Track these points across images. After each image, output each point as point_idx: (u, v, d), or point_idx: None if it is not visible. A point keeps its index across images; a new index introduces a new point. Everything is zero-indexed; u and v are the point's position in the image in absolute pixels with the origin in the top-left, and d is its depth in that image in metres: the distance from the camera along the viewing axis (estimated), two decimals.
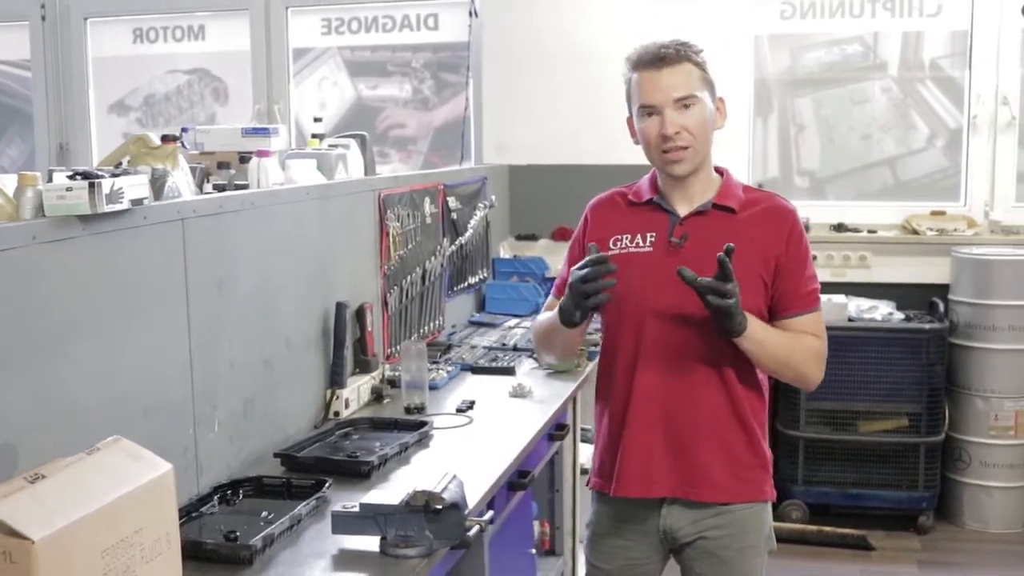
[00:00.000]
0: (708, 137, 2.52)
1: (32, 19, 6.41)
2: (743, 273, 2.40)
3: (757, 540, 2.57)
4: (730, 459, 2.52)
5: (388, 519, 2.24)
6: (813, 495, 5.08)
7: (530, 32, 5.45)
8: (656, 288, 2.49)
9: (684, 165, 2.48)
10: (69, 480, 1.79)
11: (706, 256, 2.39)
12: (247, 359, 2.89)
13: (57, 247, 2.14)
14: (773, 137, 5.60)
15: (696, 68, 2.49)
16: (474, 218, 4.79)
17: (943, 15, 5.37)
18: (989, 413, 4.97)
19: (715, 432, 2.51)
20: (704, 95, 2.49)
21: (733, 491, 2.53)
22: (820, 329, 2.52)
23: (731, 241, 2.37)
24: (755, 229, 2.49)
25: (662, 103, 2.45)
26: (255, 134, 3.53)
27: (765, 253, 2.47)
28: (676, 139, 2.45)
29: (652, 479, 2.55)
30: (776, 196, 2.62)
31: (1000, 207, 5.31)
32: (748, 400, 2.54)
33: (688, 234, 2.50)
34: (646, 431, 2.55)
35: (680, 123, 2.45)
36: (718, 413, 2.51)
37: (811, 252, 2.57)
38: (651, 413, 2.54)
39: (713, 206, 2.52)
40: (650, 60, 2.48)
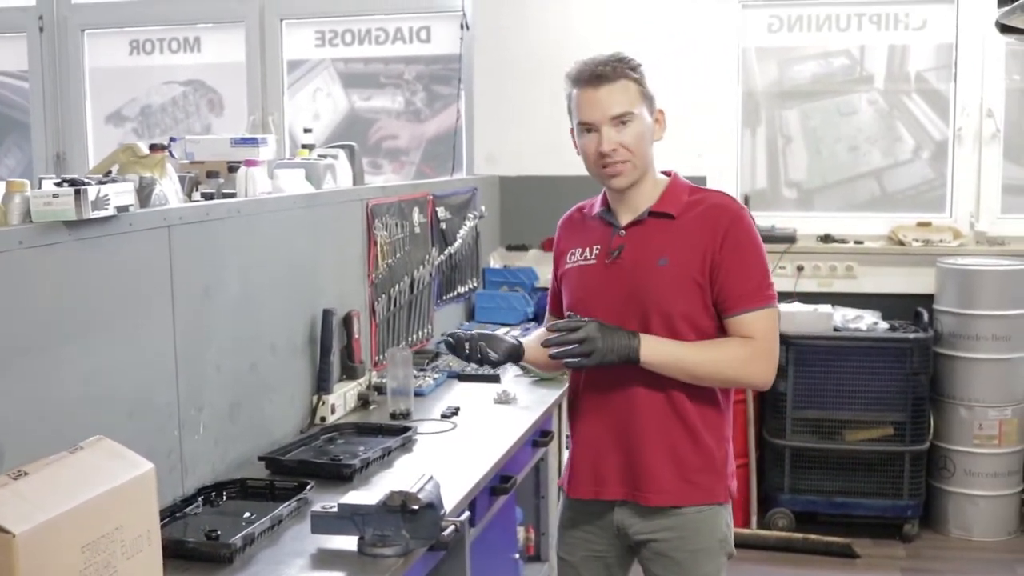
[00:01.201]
0: (646, 150, 2.56)
1: (30, 30, 6.48)
2: (679, 278, 2.48)
3: (710, 543, 2.58)
4: (676, 462, 2.54)
5: (366, 519, 2.29)
6: (799, 503, 5.13)
7: (521, 45, 5.52)
8: (597, 299, 2.57)
9: (622, 179, 2.54)
10: (51, 477, 1.84)
11: (640, 264, 2.52)
12: (233, 364, 2.94)
13: (43, 252, 2.20)
14: (761, 149, 5.65)
15: (634, 84, 2.54)
16: (464, 228, 4.85)
17: (928, 29, 5.43)
18: (973, 422, 5.02)
19: (659, 436, 2.54)
20: (641, 110, 2.54)
21: (680, 494, 2.56)
22: (759, 329, 2.49)
23: (667, 247, 2.50)
24: (691, 231, 2.52)
25: (599, 121, 2.51)
26: (244, 144, 3.59)
27: (699, 253, 2.49)
28: (613, 155, 2.51)
29: (602, 481, 2.62)
30: (720, 195, 2.62)
31: (985, 218, 5.36)
32: (694, 404, 2.54)
33: (625, 245, 2.56)
34: (594, 435, 2.62)
35: (617, 140, 2.51)
36: (661, 418, 2.54)
37: (760, 250, 2.55)
38: (598, 418, 2.61)
39: (650, 214, 2.57)
40: (588, 78, 2.53)
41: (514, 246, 5.60)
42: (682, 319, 2.49)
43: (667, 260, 2.50)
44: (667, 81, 5.26)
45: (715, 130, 5.47)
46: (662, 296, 2.49)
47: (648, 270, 2.51)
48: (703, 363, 2.48)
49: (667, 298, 2.49)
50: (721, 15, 5.44)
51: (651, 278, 2.50)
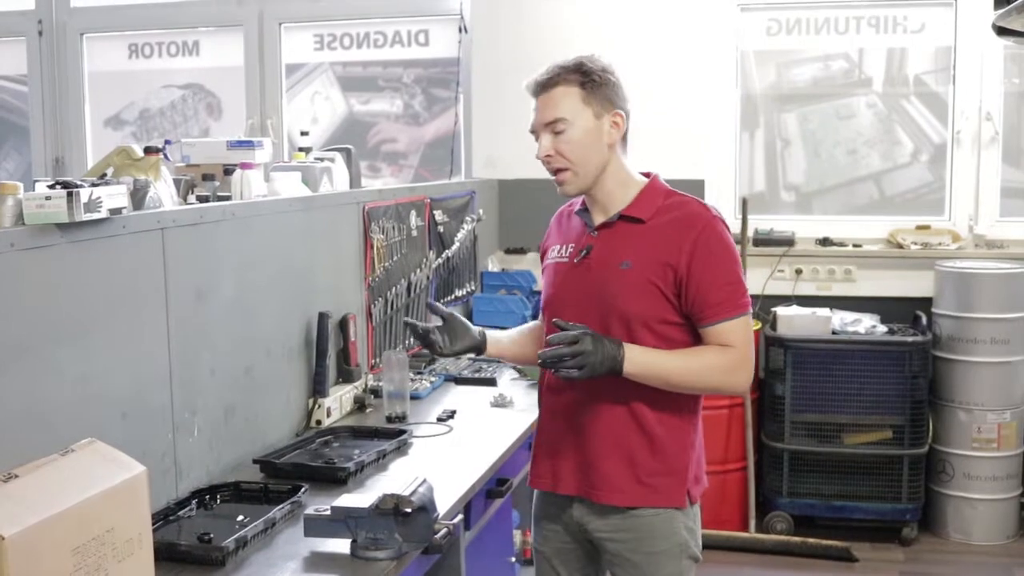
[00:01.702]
0: (590, 154, 2.51)
1: (29, 34, 6.48)
2: (640, 283, 2.48)
3: (669, 547, 2.58)
4: (631, 464, 2.54)
5: (358, 522, 2.29)
6: (798, 507, 5.12)
7: (519, 48, 5.51)
8: (564, 298, 2.59)
9: (567, 186, 2.54)
10: (42, 480, 1.84)
11: (605, 266, 2.52)
12: (228, 366, 2.94)
13: (35, 254, 2.20)
14: (759, 152, 5.65)
15: (574, 87, 2.49)
16: (461, 231, 4.85)
17: (927, 32, 5.43)
18: (972, 425, 5.01)
19: (614, 437, 2.54)
20: (580, 114, 2.49)
21: (634, 496, 2.55)
22: (736, 337, 2.49)
23: (632, 251, 2.49)
24: (658, 238, 2.50)
25: (538, 128, 2.53)
26: (240, 147, 3.59)
27: (663, 261, 2.47)
28: (548, 162, 2.52)
29: (558, 477, 2.63)
30: (694, 203, 2.57)
31: (984, 221, 5.35)
32: (654, 410, 2.54)
33: (592, 246, 2.56)
34: (554, 432, 2.64)
35: (552, 147, 2.50)
36: (617, 419, 2.54)
37: (733, 259, 2.52)
38: (558, 415, 2.63)
39: (620, 217, 2.56)
40: (532, 87, 2.54)
41: (512, 249, 5.60)
42: (639, 323, 2.49)
43: (630, 264, 2.50)
44: (666, 84, 5.37)
45: (713, 133, 5.47)
46: (621, 299, 2.49)
47: (611, 272, 2.51)
48: (683, 373, 2.48)
49: (626, 301, 2.49)
50: (719, 18, 5.45)
51: (613, 280, 2.50)
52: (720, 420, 5.14)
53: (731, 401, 5.11)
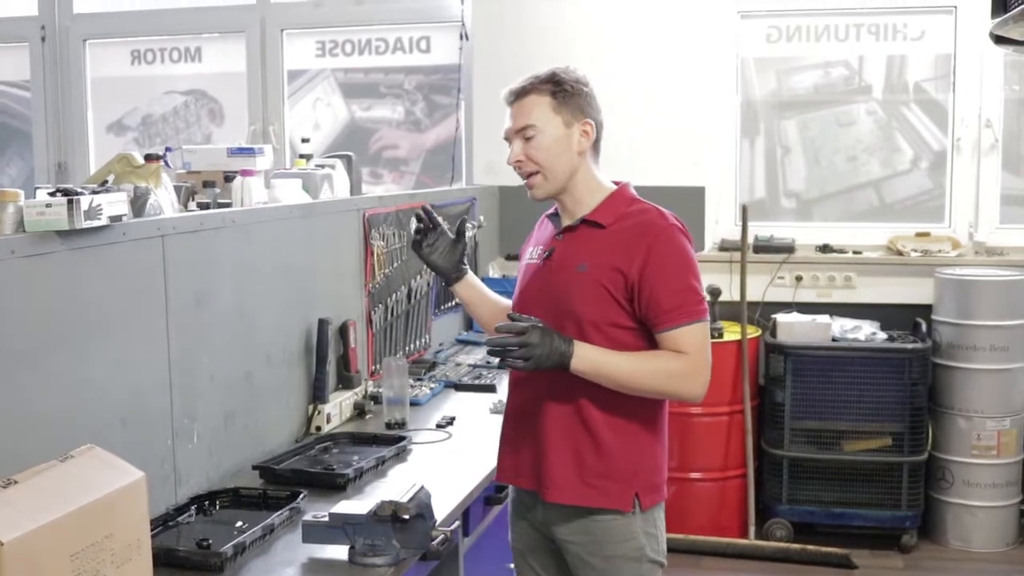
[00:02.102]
0: (559, 160, 2.58)
1: (32, 40, 6.51)
2: (593, 286, 2.54)
3: (626, 551, 2.59)
4: (578, 464, 2.58)
5: (356, 528, 2.30)
6: (797, 514, 5.12)
7: (520, 55, 5.51)
8: (530, 297, 2.66)
9: (537, 190, 2.62)
10: (41, 485, 1.85)
11: (564, 269, 2.59)
12: (227, 373, 2.96)
13: (36, 261, 2.22)
14: (760, 159, 5.66)
15: (545, 96, 2.58)
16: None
17: (927, 39, 5.44)
18: (971, 433, 5.01)
19: (562, 437, 2.59)
20: (550, 122, 2.57)
21: (578, 495, 2.58)
22: (689, 343, 2.51)
23: (589, 254, 2.56)
24: (613, 244, 2.56)
25: (510, 135, 2.62)
26: (241, 154, 3.60)
27: (615, 267, 2.52)
28: (519, 167, 2.61)
29: (519, 470, 2.68)
30: (654, 211, 2.62)
31: (984, 228, 5.37)
32: (601, 412, 2.57)
33: (555, 248, 2.63)
34: (515, 427, 2.70)
35: (522, 152, 2.58)
36: (566, 418, 2.59)
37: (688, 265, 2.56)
38: (517, 412, 2.69)
39: (582, 221, 2.62)
40: (506, 97, 2.63)
41: (513, 256, 5.59)
42: (591, 325, 2.53)
43: (585, 267, 2.56)
44: (666, 91, 5.39)
45: (714, 140, 5.49)
46: (576, 301, 2.55)
47: (568, 274, 2.57)
48: (633, 374, 2.51)
49: (579, 303, 2.54)
50: (720, 25, 5.46)
51: (569, 282, 2.57)
52: (720, 427, 5.15)
53: (731, 408, 5.12)
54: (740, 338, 5.12)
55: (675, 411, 5.02)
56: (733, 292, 5.28)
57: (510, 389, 2.74)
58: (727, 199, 5.55)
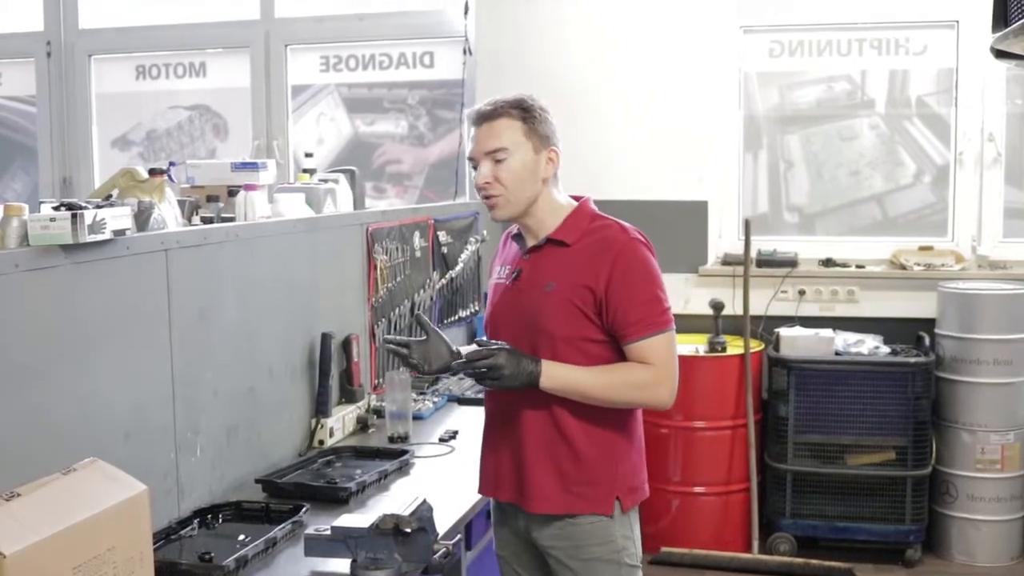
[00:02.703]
0: (525, 185, 2.61)
1: (38, 56, 6.54)
2: (562, 303, 2.58)
3: (604, 553, 2.62)
4: (558, 474, 2.61)
5: (358, 542, 2.31)
6: (801, 528, 5.11)
7: (523, 70, 5.54)
8: (501, 318, 2.71)
9: (499, 211, 2.64)
10: (44, 498, 1.86)
11: (532, 288, 2.64)
12: (230, 387, 2.96)
13: (39, 275, 2.23)
14: (763, 173, 5.67)
15: (518, 122, 2.61)
16: (465, 252, 4.87)
17: (929, 53, 5.45)
18: (975, 447, 5.00)
19: (541, 448, 2.62)
20: (521, 146, 2.60)
21: (560, 504, 2.62)
22: (655, 354, 2.56)
23: (556, 273, 2.61)
24: (579, 261, 2.61)
25: (478, 156, 2.63)
26: (244, 168, 3.62)
27: (581, 284, 2.57)
28: (487, 188, 2.62)
29: (498, 484, 2.72)
30: (615, 226, 2.66)
31: (987, 242, 5.36)
32: (577, 420, 2.61)
33: (523, 269, 2.67)
34: (493, 439, 2.74)
35: (492, 174, 2.60)
36: (543, 431, 2.62)
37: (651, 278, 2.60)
38: (496, 425, 2.73)
39: (548, 240, 2.66)
40: (474, 118, 2.66)
41: None
42: (564, 342, 2.58)
43: (553, 286, 2.60)
44: (669, 106, 5.40)
45: (716, 154, 5.50)
46: (547, 319, 2.58)
47: (537, 294, 2.61)
48: (600, 388, 2.57)
49: (551, 322, 2.58)
50: (722, 40, 5.47)
51: (538, 302, 2.60)
52: (723, 441, 5.14)
53: (734, 422, 5.12)
54: (743, 352, 5.12)
55: (678, 425, 5.10)
56: (736, 306, 5.28)
57: (486, 402, 2.78)
58: (730, 213, 5.56)
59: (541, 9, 5.61)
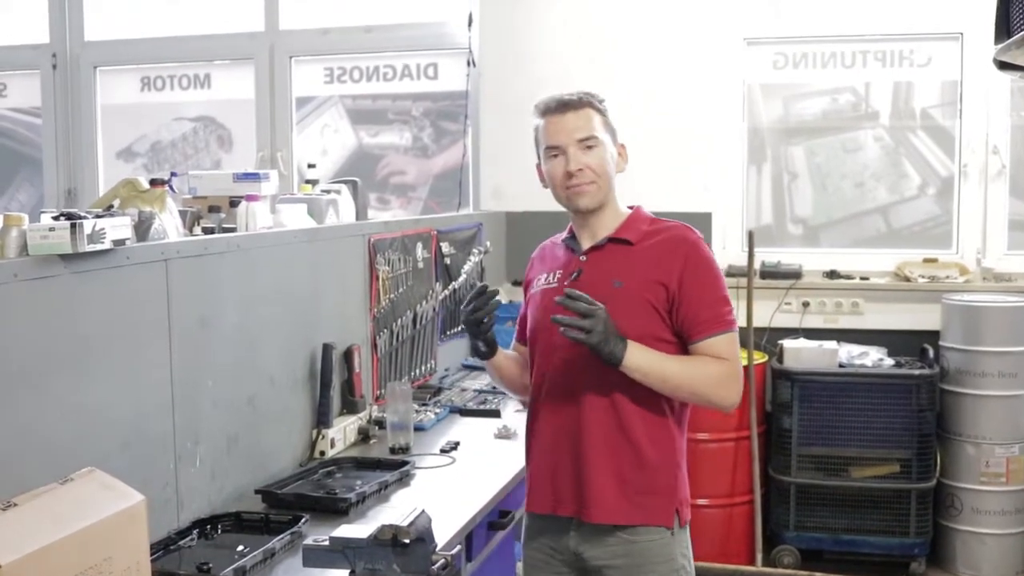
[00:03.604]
0: (610, 177, 2.64)
1: (43, 68, 6.57)
2: (633, 300, 2.55)
3: (664, 572, 2.59)
4: (621, 482, 2.57)
5: (356, 553, 2.28)
6: (805, 541, 5.09)
7: (527, 81, 5.54)
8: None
9: (587, 199, 2.61)
10: (40, 508, 1.86)
11: (597, 286, 2.57)
12: (231, 397, 2.96)
13: (38, 284, 2.23)
14: (767, 185, 5.66)
15: (597, 113, 2.64)
16: (468, 263, 4.87)
17: (933, 65, 5.45)
18: (980, 459, 4.98)
19: (605, 455, 2.57)
20: (605, 138, 2.63)
21: (624, 513, 2.57)
22: (728, 351, 2.57)
23: (623, 271, 2.59)
24: (649, 258, 2.60)
25: (566, 143, 2.59)
26: (246, 179, 3.61)
27: (657, 281, 2.56)
28: (579, 176, 2.59)
29: (558, 498, 2.65)
30: (680, 226, 2.68)
31: (992, 254, 5.35)
32: (643, 425, 2.58)
33: (583, 269, 2.64)
34: (549, 451, 2.67)
35: (583, 161, 2.59)
36: (608, 437, 2.58)
37: (718, 278, 2.61)
38: (552, 435, 2.66)
39: (609, 240, 2.65)
40: (555, 106, 2.63)
41: (520, 281, 5.57)
42: (637, 340, 2.52)
43: (622, 283, 2.58)
44: (672, 118, 5.40)
45: (721, 166, 5.49)
46: (617, 317, 2.52)
47: (602, 291, 2.56)
48: (680, 375, 2.54)
49: (621, 318, 2.52)
50: (726, 52, 5.48)
51: (605, 299, 2.54)
52: (727, 453, 5.13)
53: (737, 434, 5.10)
54: (747, 364, 5.11)
55: None
56: (740, 318, 5.21)
57: (542, 416, 2.69)
58: (734, 225, 5.55)
59: (544, 21, 5.62)
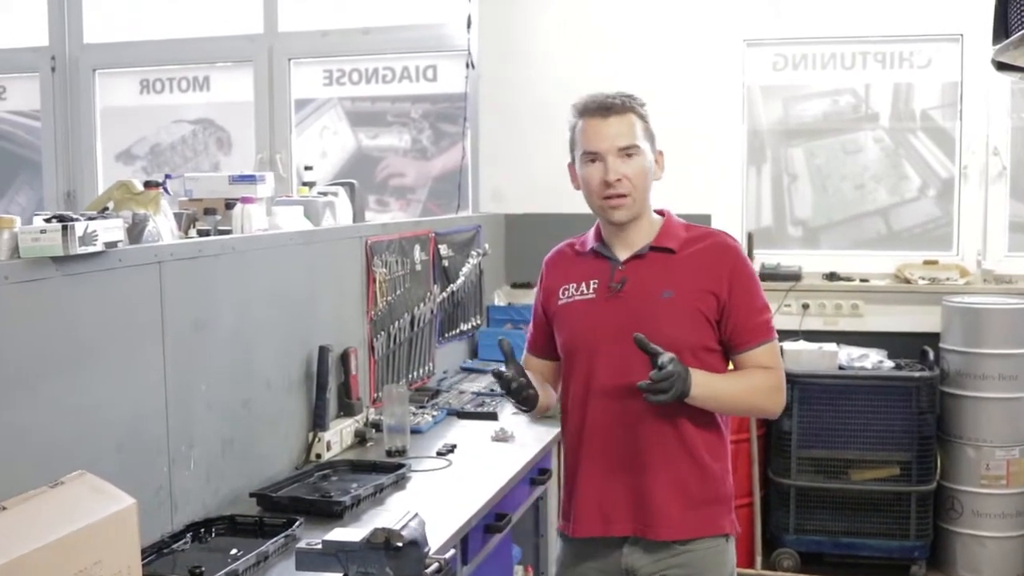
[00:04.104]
0: (647, 186, 2.58)
1: (43, 70, 6.56)
2: (685, 310, 2.50)
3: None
4: (683, 494, 2.52)
5: (349, 556, 2.27)
6: (805, 544, 5.08)
7: (526, 83, 5.55)
8: (600, 332, 2.55)
9: (623, 212, 2.55)
10: (30, 512, 1.85)
11: (644, 297, 2.52)
12: (225, 400, 2.95)
13: (29, 287, 2.22)
14: (766, 186, 5.65)
15: (639, 119, 2.57)
16: (466, 266, 4.85)
17: (933, 67, 5.44)
18: (980, 462, 4.96)
19: (665, 468, 2.52)
20: (645, 146, 2.57)
21: (688, 527, 2.53)
22: (774, 360, 2.56)
23: (669, 280, 2.52)
24: (694, 267, 2.54)
25: (606, 151, 2.52)
26: (242, 181, 3.61)
27: (705, 290, 2.51)
28: (617, 186, 2.52)
29: (609, 518, 2.57)
30: (719, 233, 2.66)
31: (992, 256, 5.34)
32: (700, 435, 2.54)
33: (626, 278, 2.56)
34: (599, 470, 2.58)
35: (622, 171, 2.52)
36: (667, 449, 2.52)
37: (760, 286, 2.59)
38: (602, 452, 2.57)
39: (651, 248, 2.58)
40: (596, 108, 2.55)
41: (519, 283, 5.60)
42: (688, 351, 2.48)
43: (672, 293, 2.51)
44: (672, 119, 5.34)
45: (720, 168, 5.47)
46: (670, 328, 2.48)
47: (652, 303, 2.51)
48: (738, 393, 2.52)
49: (675, 330, 2.48)
50: (726, 54, 5.46)
51: (655, 310, 2.50)
52: None
53: (737, 436, 5.08)
54: None
55: None
56: None
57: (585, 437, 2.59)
58: (734, 227, 5.51)
59: (543, 23, 5.61)
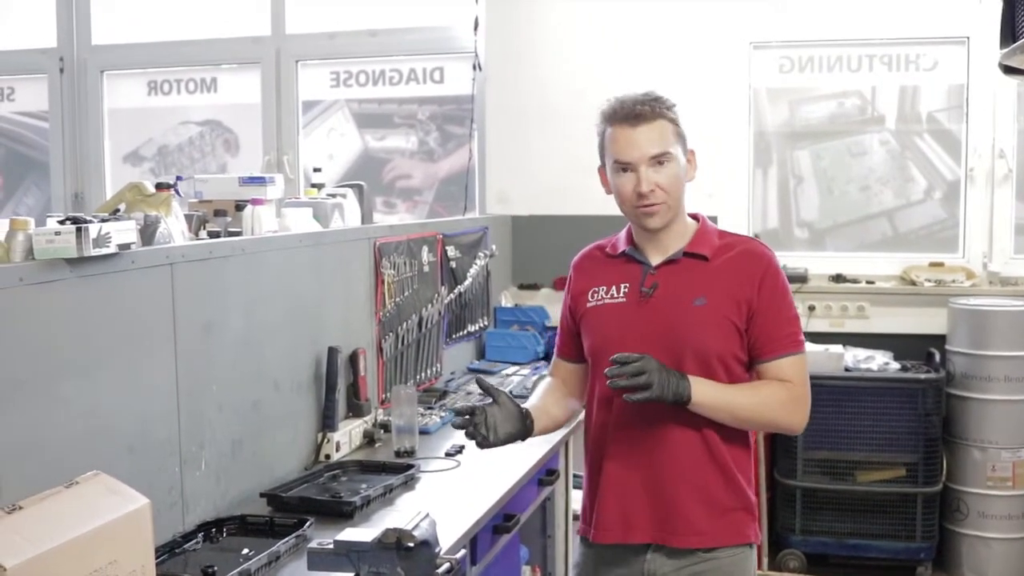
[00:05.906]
0: (681, 192, 2.53)
1: (51, 72, 6.59)
2: (716, 319, 2.46)
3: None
4: (708, 502, 2.50)
5: (361, 556, 2.29)
6: (811, 545, 5.09)
7: (533, 85, 5.57)
8: (629, 337, 2.49)
9: (657, 219, 2.50)
10: (45, 512, 1.86)
11: (675, 303, 2.48)
12: (236, 401, 2.96)
13: (44, 288, 2.23)
14: (773, 189, 5.66)
15: (670, 124, 2.50)
16: (474, 267, 4.87)
17: (939, 69, 5.44)
18: (986, 464, 4.97)
19: (691, 475, 2.49)
20: (677, 150, 2.50)
21: (713, 535, 2.50)
22: (797, 373, 2.49)
23: (702, 287, 2.47)
24: (727, 274, 2.50)
25: (637, 160, 2.47)
26: (252, 183, 3.63)
27: (737, 297, 2.47)
28: (651, 196, 2.47)
29: (631, 524, 2.54)
30: (751, 240, 2.62)
31: (998, 259, 5.34)
32: (725, 442, 2.51)
33: (658, 283, 2.52)
34: (623, 476, 2.55)
35: (654, 180, 2.46)
36: (693, 456, 2.49)
37: (791, 296, 2.55)
38: (627, 458, 2.54)
39: (684, 254, 2.54)
40: (625, 116, 2.49)
41: (526, 285, 5.62)
42: (717, 360, 2.46)
43: (704, 300, 2.47)
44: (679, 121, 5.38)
45: (727, 170, 5.48)
46: (699, 336, 2.45)
47: (684, 309, 2.48)
48: (748, 406, 2.45)
49: (704, 338, 2.46)
50: (732, 56, 5.47)
51: (687, 317, 2.47)
52: None
53: None
54: None
55: None
56: None
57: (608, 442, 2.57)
58: (740, 229, 5.52)
59: (550, 25, 5.62)
